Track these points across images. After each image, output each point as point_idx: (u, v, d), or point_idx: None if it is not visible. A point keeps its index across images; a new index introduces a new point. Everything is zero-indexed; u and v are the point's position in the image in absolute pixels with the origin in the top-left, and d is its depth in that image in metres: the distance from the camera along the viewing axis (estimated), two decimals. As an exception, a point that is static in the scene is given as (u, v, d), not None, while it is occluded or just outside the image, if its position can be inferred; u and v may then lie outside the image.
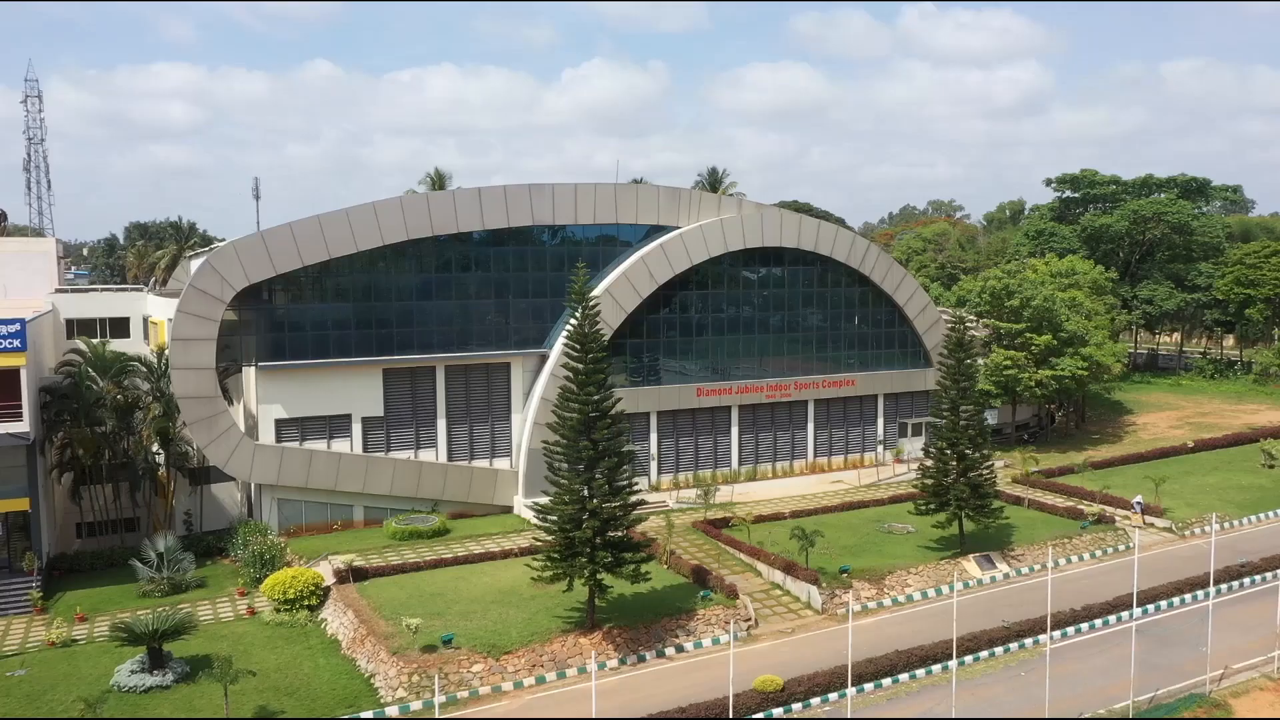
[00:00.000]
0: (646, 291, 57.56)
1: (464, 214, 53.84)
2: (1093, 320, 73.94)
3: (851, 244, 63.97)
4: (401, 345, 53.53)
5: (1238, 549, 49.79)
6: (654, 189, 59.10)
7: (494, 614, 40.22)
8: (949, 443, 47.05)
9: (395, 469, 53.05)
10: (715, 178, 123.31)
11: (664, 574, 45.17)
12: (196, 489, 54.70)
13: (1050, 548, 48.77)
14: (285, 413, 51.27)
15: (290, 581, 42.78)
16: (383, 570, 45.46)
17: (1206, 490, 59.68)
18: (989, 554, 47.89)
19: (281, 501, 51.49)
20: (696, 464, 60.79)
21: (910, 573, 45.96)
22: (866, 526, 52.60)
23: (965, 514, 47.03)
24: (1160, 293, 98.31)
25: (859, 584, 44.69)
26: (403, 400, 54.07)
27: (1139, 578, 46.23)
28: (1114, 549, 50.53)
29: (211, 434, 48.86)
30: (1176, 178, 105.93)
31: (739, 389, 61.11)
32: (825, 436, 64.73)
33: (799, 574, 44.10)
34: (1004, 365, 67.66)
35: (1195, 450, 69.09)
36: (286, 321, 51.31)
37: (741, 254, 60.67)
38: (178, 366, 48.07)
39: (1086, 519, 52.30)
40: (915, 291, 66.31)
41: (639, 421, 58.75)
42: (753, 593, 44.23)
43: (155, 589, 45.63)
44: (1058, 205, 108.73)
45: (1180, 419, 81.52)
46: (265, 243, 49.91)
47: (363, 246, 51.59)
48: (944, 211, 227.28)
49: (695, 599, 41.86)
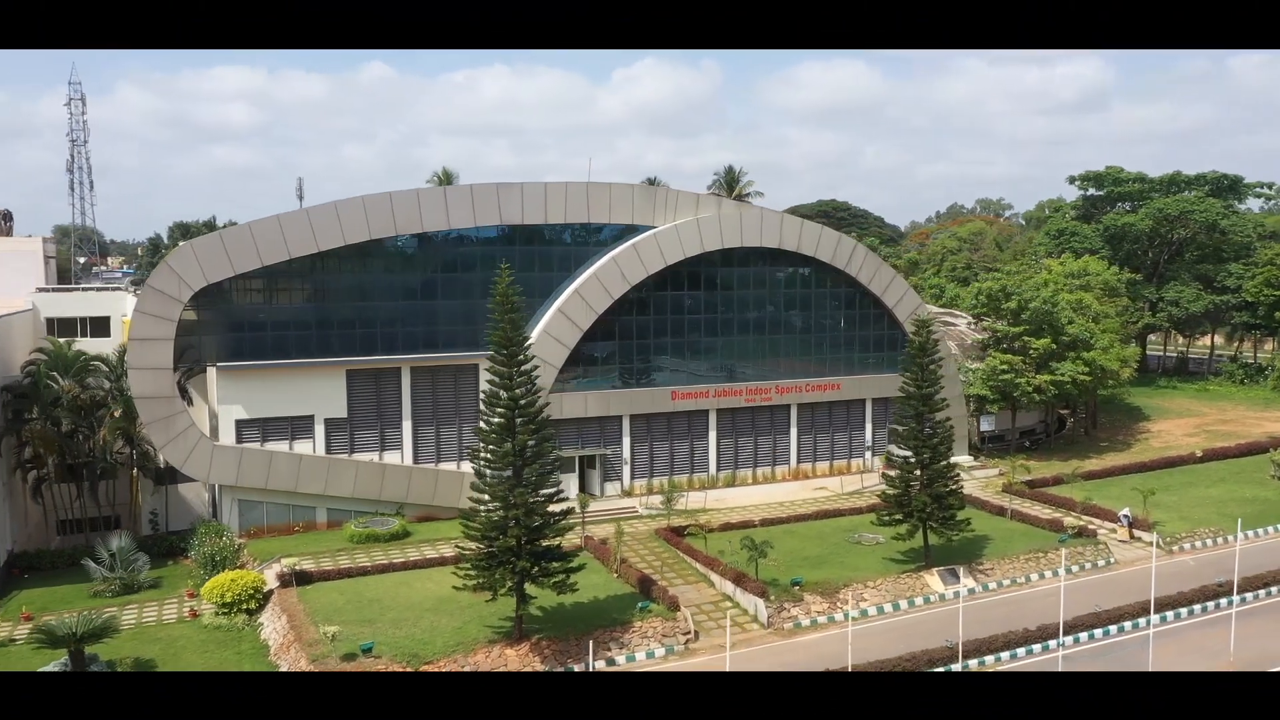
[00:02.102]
0: (618, 292, 56.39)
1: (429, 213, 53.16)
2: (1100, 323, 71.09)
3: (837, 244, 62.11)
4: (365, 346, 53.02)
5: (1224, 567, 47.12)
6: (628, 188, 57.88)
7: (426, 622, 39.43)
8: (913, 451, 45.26)
9: (358, 471, 52.57)
10: (732, 177, 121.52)
11: (612, 583, 44.05)
12: (162, 489, 54.76)
13: (1018, 562, 46.70)
14: (246, 413, 51.04)
15: (229, 584, 42.41)
16: (328, 574, 44.95)
17: (1206, 503, 56.85)
18: (954, 568, 45.93)
19: (242, 502, 51.28)
20: (672, 469, 59.48)
21: (867, 587, 44.20)
22: (837, 536, 50.90)
23: (929, 526, 45.17)
24: (1187, 294, 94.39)
25: (811, 597, 43.07)
26: (367, 401, 53.58)
27: (1112, 596, 44.32)
28: (1092, 564, 48.21)
29: (169, 434, 48.79)
30: (1207, 174, 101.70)
31: (716, 392, 59.67)
32: (809, 442, 62.98)
33: (748, 586, 42.66)
34: (1000, 369, 65.27)
35: (1204, 460, 66.02)
36: (247, 321, 51.10)
37: (720, 254, 59.20)
38: (135, 366, 48.08)
39: (1066, 532, 50.01)
40: (906, 293, 64.24)
41: (611, 425, 57.66)
42: (702, 604, 42.91)
43: (107, 589, 45.64)
44: (1081, 204, 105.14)
45: (1197, 426, 78.10)
46: (224, 243, 49.73)
47: (324, 246, 51.16)
48: (992, 210, 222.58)
49: (634, 610, 40.66)
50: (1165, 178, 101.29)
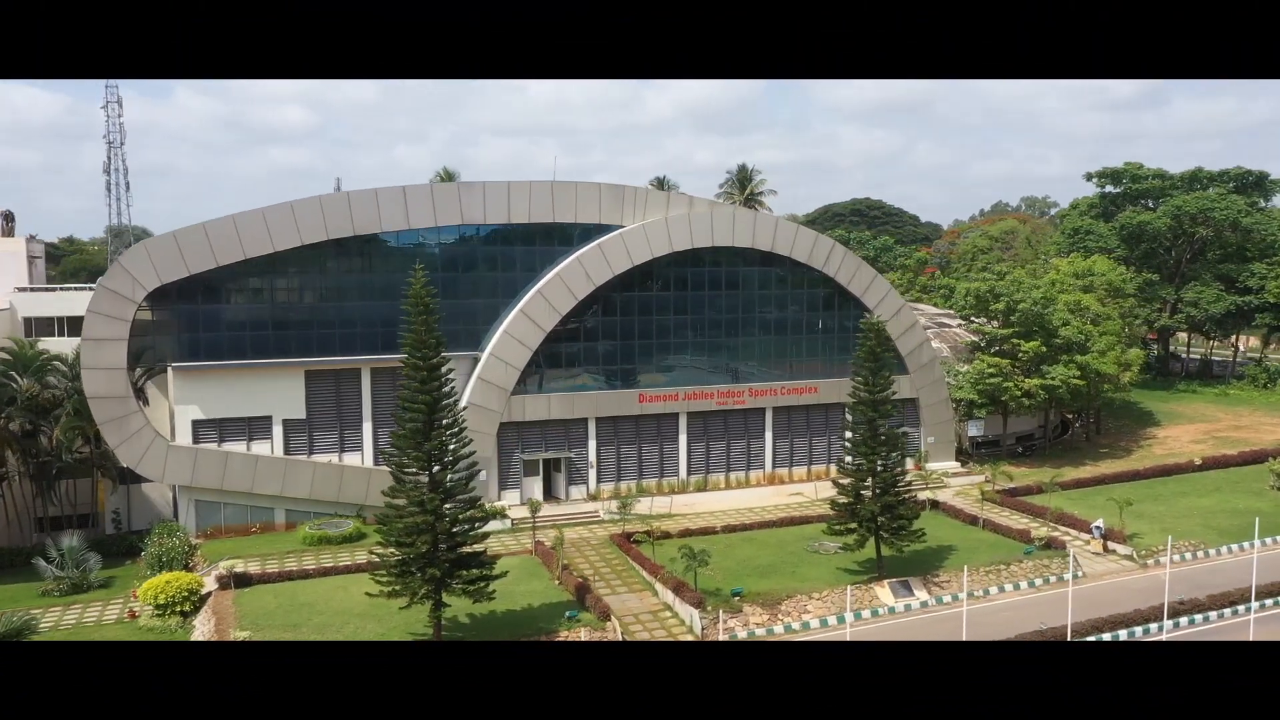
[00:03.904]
0: (583, 293, 55.47)
1: (388, 214, 52.69)
2: (1100, 325, 68.55)
3: (814, 244, 60.50)
4: (324, 347, 52.72)
5: (1198, 582, 44.98)
6: (595, 186, 56.85)
7: (351, 627, 38.93)
8: (865, 459, 43.79)
9: (315, 472, 52.32)
10: (744, 175, 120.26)
11: (552, 590, 43.22)
12: (124, 488, 55.00)
13: (978, 575, 44.94)
14: (203, 414, 51.05)
15: (163, 586, 42.26)
16: (269, 577, 44.65)
17: (1194, 514, 54.42)
18: (908, 580, 44.32)
19: (199, 503, 51.31)
20: (641, 473, 58.42)
21: (812, 598, 42.78)
22: (797, 544, 49.47)
23: (880, 536, 43.64)
24: (1207, 295, 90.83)
25: (751, 608, 41.78)
26: (326, 402, 53.33)
27: (1074, 611, 42.37)
28: (1057, 577, 46.18)
29: (123, 434, 48.92)
30: (1231, 170, 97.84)
31: (686, 395, 58.47)
32: (785, 446, 61.49)
33: (685, 595, 41.50)
34: (988, 373, 63.17)
35: (1202, 468, 63.31)
36: (204, 321, 51.04)
37: (691, 254, 57.98)
38: (88, 366, 48.25)
39: (1033, 543, 48.07)
40: (887, 294, 62.42)
41: (576, 428, 56.79)
42: (641, 614, 41.86)
43: (56, 588, 45.82)
44: (1099, 201, 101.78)
45: (1207, 432, 75.07)
46: (178, 243, 49.70)
47: (280, 247, 50.92)
48: (1037, 209, 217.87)
49: (562, 619, 39.74)
50: (1187, 174, 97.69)
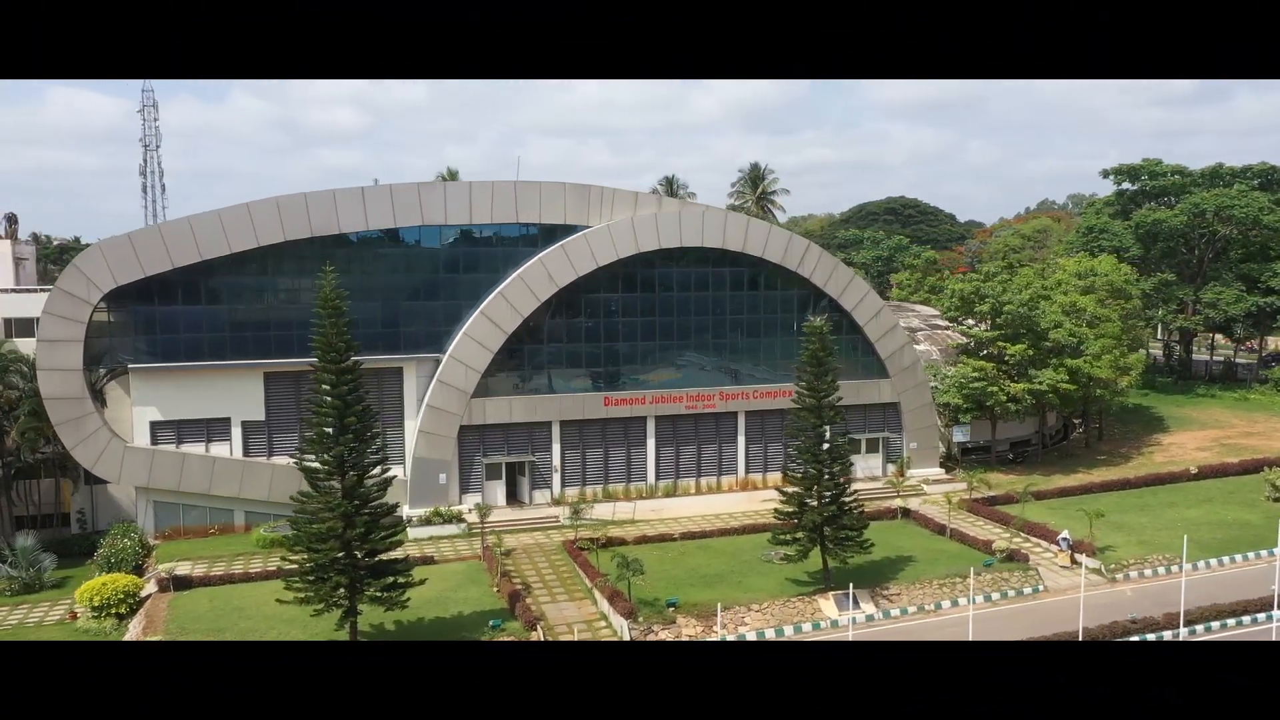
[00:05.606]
0: (545, 295, 54.66)
1: (346, 215, 52.37)
2: (1096, 327, 66.08)
3: (788, 244, 58.99)
4: (283, 348, 52.48)
5: (1165, 600, 42.85)
6: (559, 186, 55.96)
7: (274, 633, 38.66)
8: (810, 466, 42.43)
9: (274, 474, 52.16)
10: (757, 174, 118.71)
11: (488, 598, 42.55)
12: (89, 488, 55.35)
13: (931, 587, 43.33)
14: (161, 415, 51.18)
15: (100, 588, 42.30)
16: (209, 580, 44.55)
17: (1178, 525, 51.87)
18: (854, 592, 42.81)
19: (158, 504, 51.48)
20: (607, 478, 57.44)
21: (751, 610, 41.53)
22: (752, 553, 48.23)
23: (825, 547, 42.26)
24: (1227, 295, 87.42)
25: (686, 619, 40.65)
26: (286, 404, 53.14)
27: (1026, 628, 40.68)
28: (1016, 591, 44.40)
29: (79, 435, 49.19)
30: (1255, 166, 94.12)
31: (654, 399, 57.38)
32: (759, 451, 60.12)
33: (618, 605, 40.52)
34: (972, 377, 61.15)
35: (1198, 477, 60.71)
36: (160, 323, 51.15)
37: (660, 254, 56.89)
38: (44, 367, 48.59)
39: (993, 555, 46.26)
40: (866, 295, 60.71)
41: (540, 431, 56.03)
42: (575, 623, 40.95)
43: (7, 588, 46.17)
44: (1115, 199, 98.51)
45: (1215, 439, 72.08)
46: (133, 244, 49.85)
47: (236, 248, 50.83)
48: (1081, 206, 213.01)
49: (486, 628, 39.01)
50: (1207, 170, 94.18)
